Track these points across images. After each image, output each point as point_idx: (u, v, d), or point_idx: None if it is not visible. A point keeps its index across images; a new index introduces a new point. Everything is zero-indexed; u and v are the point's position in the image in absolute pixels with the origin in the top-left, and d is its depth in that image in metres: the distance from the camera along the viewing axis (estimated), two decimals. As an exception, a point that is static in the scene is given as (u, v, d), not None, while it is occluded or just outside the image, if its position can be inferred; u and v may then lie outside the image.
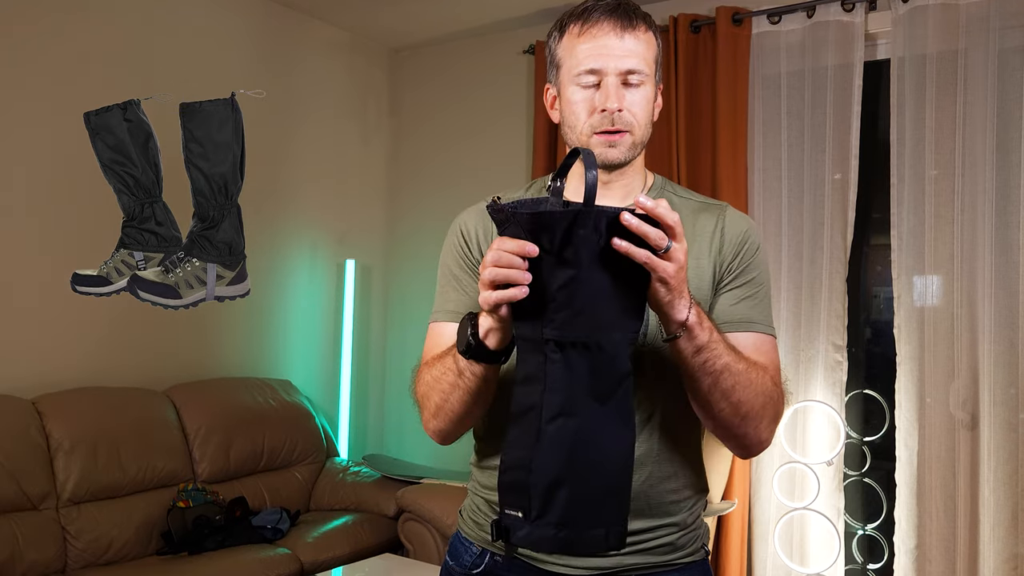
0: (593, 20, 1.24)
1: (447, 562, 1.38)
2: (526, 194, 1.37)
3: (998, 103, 2.80)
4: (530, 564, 1.27)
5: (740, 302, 1.27)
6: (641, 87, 1.24)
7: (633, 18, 1.24)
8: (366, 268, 4.32)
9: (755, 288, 1.29)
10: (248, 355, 3.74)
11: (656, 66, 1.28)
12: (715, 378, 1.13)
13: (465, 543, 1.36)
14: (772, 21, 3.23)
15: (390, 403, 4.41)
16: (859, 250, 3.23)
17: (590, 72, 1.24)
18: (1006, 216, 2.79)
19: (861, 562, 3.23)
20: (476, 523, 1.35)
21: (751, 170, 3.24)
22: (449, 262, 1.37)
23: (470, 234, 1.35)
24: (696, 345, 1.10)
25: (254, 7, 3.76)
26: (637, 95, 1.24)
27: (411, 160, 4.41)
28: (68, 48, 3.10)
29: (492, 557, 1.31)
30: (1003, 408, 2.76)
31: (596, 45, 1.23)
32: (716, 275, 1.28)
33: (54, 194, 3.08)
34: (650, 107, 1.27)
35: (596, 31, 1.23)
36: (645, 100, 1.25)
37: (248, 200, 3.74)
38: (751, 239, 1.31)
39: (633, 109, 1.24)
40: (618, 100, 1.22)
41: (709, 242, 1.29)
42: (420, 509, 3.21)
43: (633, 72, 1.23)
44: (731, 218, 1.32)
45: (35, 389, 2.93)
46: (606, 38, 1.23)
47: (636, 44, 1.24)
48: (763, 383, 1.19)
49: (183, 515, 2.93)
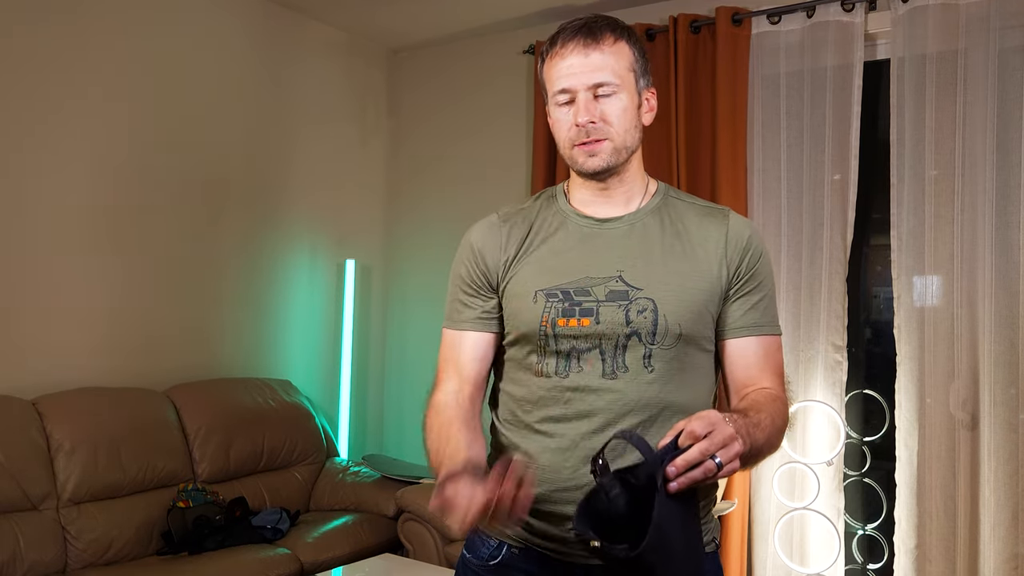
0: (561, 42, 1.33)
1: (463, 555, 1.41)
2: (535, 204, 1.44)
3: (998, 103, 2.80)
4: (546, 554, 1.32)
5: (750, 308, 1.35)
6: (614, 96, 1.31)
7: (597, 34, 1.32)
8: (366, 268, 4.32)
9: (762, 292, 1.37)
10: (248, 355, 3.74)
11: (635, 72, 1.34)
12: (754, 460, 1.25)
13: (482, 536, 1.39)
14: (772, 21, 3.23)
15: (390, 403, 4.41)
16: (859, 250, 3.23)
17: (563, 92, 1.32)
18: (1006, 216, 2.79)
19: (861, 562, 3.23)
20: None
21: (751, 170, 3.24)
22: (461, 272, 1.44)
23: (475, 250, 1.42)
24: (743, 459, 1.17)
25: (252, 8, 3.75)
26: (610, 105, 1.31)
27: (410, 160, 4.41)
28: (68, 48, 3.10)
29: (509, 549, 1.35)
30: (1003, 408, 2.76)
31: (564, 66, 1.32)
32: (725, 281, 1.34)
33: (52, 193, 3.08)
34: (628, 114, 1.33)
35: (564, 52, 1.33)
36: (619, 109, 1.31)
37: (248, 201, 3.76)
38: (755, 244, 1.37)
39: (608, 118, 1.31)
40: (588, 113, 1.30)
41: (715, 247, 1.35)
42: (420, 509, 3.21)
43: (602, 84, 1.30)
44: (734, 224, 1.38)
45: (35, 389, 2.93)
46: (572, 58, 1.31)
47: (603, 58, 1.31)
48: (782, 419, 1.29)
49: (183, 515, 2.93)
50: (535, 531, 1.32)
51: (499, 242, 1.40)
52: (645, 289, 1.30)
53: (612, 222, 1.37)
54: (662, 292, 1.30)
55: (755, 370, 1.34)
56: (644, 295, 1.29)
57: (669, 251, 1.34)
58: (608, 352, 1.29)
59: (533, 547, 1.33)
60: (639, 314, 1.28)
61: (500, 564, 1.35)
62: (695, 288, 1.31)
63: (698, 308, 1.31)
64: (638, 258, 1.33)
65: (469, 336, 1.41)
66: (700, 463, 1.06)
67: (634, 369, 1.29)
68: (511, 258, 1.38)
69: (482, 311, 1.40)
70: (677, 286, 1.30)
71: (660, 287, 1.30)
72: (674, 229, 1.36)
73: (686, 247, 1.34)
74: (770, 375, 1.35)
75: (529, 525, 1.32)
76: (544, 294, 1.32)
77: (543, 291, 1.33)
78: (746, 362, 1.35)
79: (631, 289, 1.30)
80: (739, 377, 1.35)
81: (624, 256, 1.33)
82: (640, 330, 1.28)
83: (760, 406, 1.26)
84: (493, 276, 1.39)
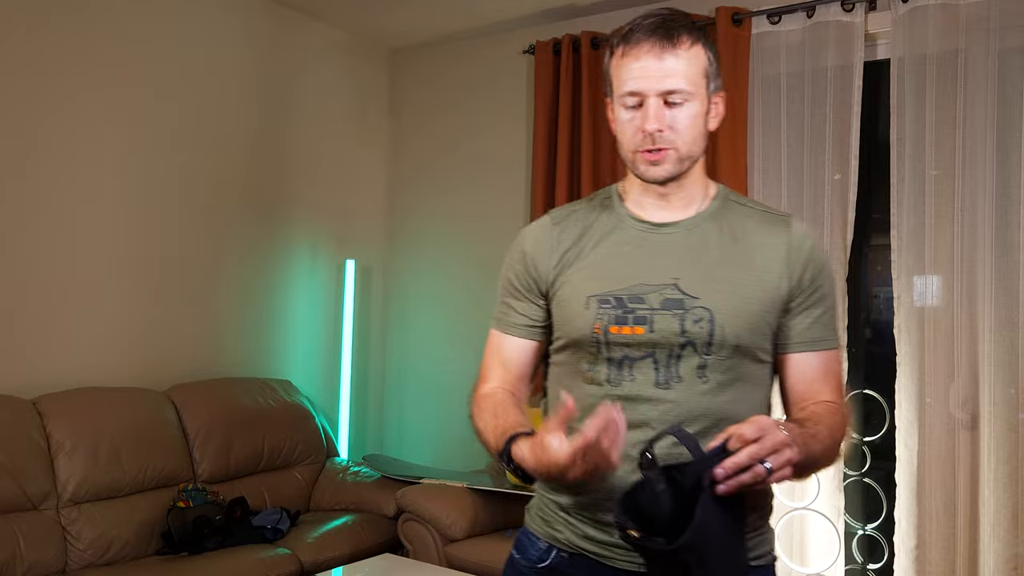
0: (634, 42, 1.27)
1: (512, 555, 1.41)
2: (588, 205, 1.41)
3: (998, 103, 2.80)
4: (596, 561, 1.30)
5: (813, 322, 1.32)
6: (685, 105, 1.26)
7: (674, 36, 1.26)
8: (366, 268, 4.32)
9: (825, 304, 1.34)
10: (248, 355, 3.74)
11: (707, 78, 1.29)
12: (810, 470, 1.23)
13: (532, 537, 1.39)
14: (772, 21, 3.23)
15: (390, 403, 4.41)
16: (859, 250, 3.23)
17: (632, 94, 1.27)
18: (1006, 216, 2.79)
19: (861, 562, 3.23)
20: (543, 519, 1.38)
21: (751, 170, 3.24)
22: (510, 276, 1.42)
23: (527, 254, 1.40)
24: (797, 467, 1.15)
25: (253, 8, 3.75)
26: (680, 113, 1.26)
27: (411, 161, 4.41)
28: (69, 49, 3.10)
29: (559, 553, 1.34)
30: (1003, 408, 2.76)
31: (637, 67, 1.26)
32: (785, 292, 1.31)
33: (53, 195, 3.08)
34: (697, 122, 1.28)
35: (637, 52, 1.26)
36: (689, 117, 1.27)
37: (248, 201, 3.76)
38: (817, 255, 1.34)
39: (676, 127, 1.26)
40: (658, 121, 1.25)
41: (775, 256, 1.31)
42: (420, 509, 3.21)
43: (674, 92, 1.25)
44: (796, 234, 1.34)
45: (35, 389, 2.93)
46: (646, 59, 1.25)
47: (677, 63, 1.25)
48: (840, 432, 1.28)
49: (183, 515, 2.93)
50: (587, 536, 1.31)
51: (550, 245, 1.37)
52: (701, 298, 1.26)
53: (668, 227, 1.33)
54: (719, 302, 1.26)
55: (817, 384, 1.32)
56: (700, 304, 1.26)
57: (727, 259, 1.30)
58: (662, 361, 1.26)
59: (583, 552, 1.32)
60: (695, 324, 1.25)
61: (548, 568, 1.34)
62: (753, 298, 1.28)
63: (755, 319, 1.28)
64: (695, 265, 1.29)
65: (517, 342, 1.40)
66: (749, 467, 1.05)
67: (688, 379, 1.26)
68: (563, 263, 1.35)
69: (532, 319, 1.39)
70: (734, 296, 1.27)
71: (717, 297, 1.27)
72: (732, 235, 1.32)
73: (744, 255, 1.31)
74: (830, 389, 1.33)
75: (580, 529, 1.32)
76: (597, 300, 1.29)
77: (596, 297, 1.30)
78: (807, 377, 1.32)
79: (687, 298, 1.27)
80: (799, 391, 1.33)
81: (680, 263, 1.30)
82: (695, 340, 1.25)
83: (819, 418, 1.25)
84: (544, 282, 1.37)
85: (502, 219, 3.98)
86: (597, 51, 3.60)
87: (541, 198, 3.68)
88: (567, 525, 1.33)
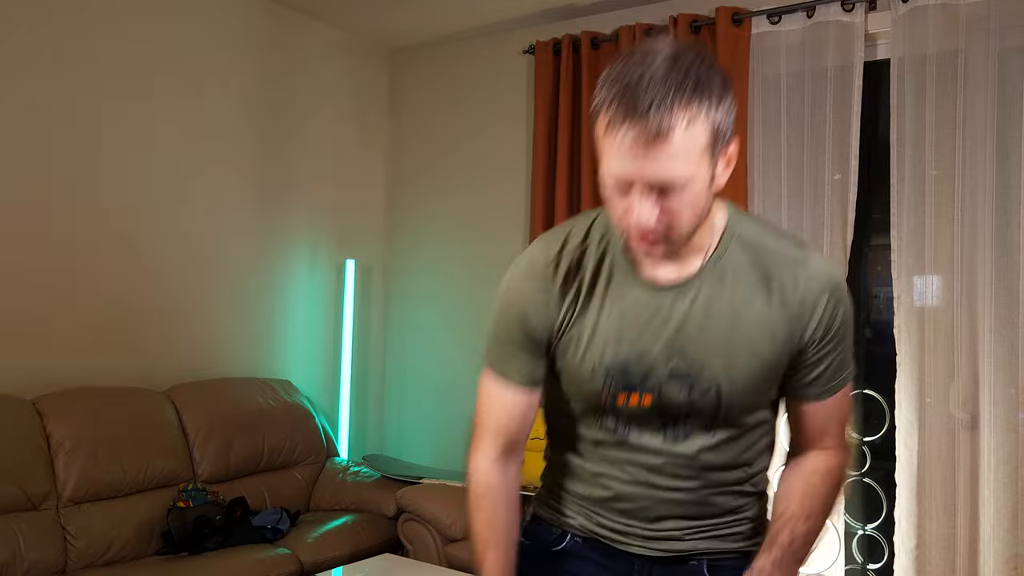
0: (616, 127, 1.05)
1: (523, 543, 1.40)
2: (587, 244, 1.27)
3: (998, 103, 2.80)
4: (607, 545, 1.33)
5: (828, 368, 1.26)
6: (682, 190, 1.07)
7: (664, 122, 1.02)
8: (366, 268, 4.32)
9: (842, 345, 1.26)
10: (248, 355, 3.74)
11: (714, 146, 1.08)
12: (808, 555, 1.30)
13: (543, 524, 1.41)
14: (772, 21, 3.23)
15: (390, 403, 4.41)
16: (859, 250, 3.23)
17: (616, 177, 1.09)
18: (1006, 216, 2.79)
19: (861, 562, 3.23)
20: (554, 508, 1.40)
21: (751, 170, 3.24)
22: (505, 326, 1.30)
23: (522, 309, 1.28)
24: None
25: (253, 8, 3.75)
26: (675, 201, 1.08)
27: (411, 161, 4.41)
28: (69, 49, 3.10)
29: (572, 538, 1.37)
30: (1003, 408, 2.76)
31: (620, 153, 1.06)
32: (798, 348, 1.23)
33: (52, 193, 3.08)
34: (700, 197, 1.11)
35: (615, 135, 1.05)
36: (689, 201, 1.09)
37: (249, 201, 3.76)
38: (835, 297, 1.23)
39: (671, 213, 1.09)
40: (648, 216, 1.09)
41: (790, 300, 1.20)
42: (420, 509, 3.21)
43: (666, 183, 1.06)
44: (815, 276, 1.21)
45: (35, 389, 2.93)
46: (631, 149, 1.04)
47: (670, 153, 1.04)
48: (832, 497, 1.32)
49: (183, 515, 2.93)
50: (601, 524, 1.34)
51: (547, 299, 1.26)
52: (707, 370, 1.21)
53: (674, 290, 1.22)
54: (726, 372, 1.21)
55: (826, 424, 1.31)
56: (707, 375, 1.21)
57: (735, 317, 1.20)
58: (669, 424, 1.26)
59: (595, 536, 1.35)
60: (702, 395, 1.22)
61: (563, 551, 1.37)
62: (762, 359, 1.21)
63: (765, 385, 1.25)
64: (700, 333, 1.21)
65: (516, 393, 1.31)
66: None
67: (696, 435, 1.26)
68: (564, 319, 1.26)
69: (532, 371, 1.30)
70: (742, 363, 1.21)
71: (723, 367, 1.21)
72: (740, 286, 1.21)
73: (754, 307, 1.20)
74: (835, 427, 1.31)
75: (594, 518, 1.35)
76: (603, 369, 1.24)
77: (602, 366, 1.24)
78: (817, 419, 1.30)
79: (693, 367, 1.21)
80: (806, 432, 1.32)
81: (685, 329, 1.21)
82: (703, 408, 1.23)
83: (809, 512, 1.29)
84: (542, 336, 1.28)
85: (502, 219, 3.98)
86: (597, 51, 3.60)
87: (541, 198, 3.68)
88: (581, 512, 1.36)
